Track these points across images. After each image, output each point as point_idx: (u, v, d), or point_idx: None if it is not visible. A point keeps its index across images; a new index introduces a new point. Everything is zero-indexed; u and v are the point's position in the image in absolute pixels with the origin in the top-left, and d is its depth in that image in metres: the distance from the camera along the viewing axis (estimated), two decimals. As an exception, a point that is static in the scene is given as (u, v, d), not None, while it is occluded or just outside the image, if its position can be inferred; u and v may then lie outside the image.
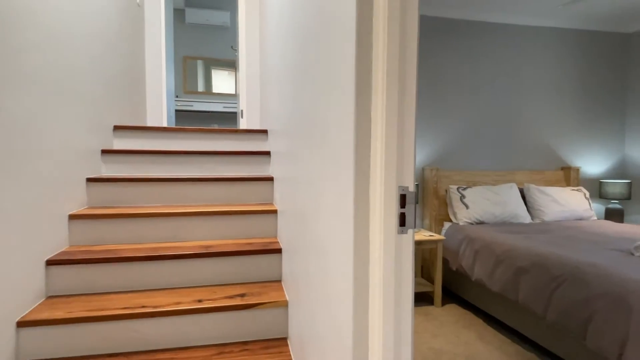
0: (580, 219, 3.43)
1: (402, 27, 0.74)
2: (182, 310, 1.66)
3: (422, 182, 3.55)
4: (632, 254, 2.21)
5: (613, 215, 3.62)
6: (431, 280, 3.33)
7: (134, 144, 2.75)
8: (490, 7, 3.42)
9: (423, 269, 3.53)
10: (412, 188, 0.77)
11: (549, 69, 3.78)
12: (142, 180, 2.29)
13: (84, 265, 1.80)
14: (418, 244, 3.02)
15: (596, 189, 3.94)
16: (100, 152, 2.44)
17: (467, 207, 3.27)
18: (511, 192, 3.40)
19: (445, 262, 3.21)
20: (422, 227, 3.57)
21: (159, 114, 3.76)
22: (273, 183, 2.46)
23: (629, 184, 3.65)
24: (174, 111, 4.50)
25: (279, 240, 2.14)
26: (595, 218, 3.54)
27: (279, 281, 2.01)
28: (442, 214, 3.50)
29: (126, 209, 2.18)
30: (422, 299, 3.24)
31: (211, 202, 2.40)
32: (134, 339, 1.64)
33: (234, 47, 6.11)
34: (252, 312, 1.74)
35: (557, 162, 3.85)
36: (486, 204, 3.29)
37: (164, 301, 1.73)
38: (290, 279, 1.71)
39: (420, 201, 3.55)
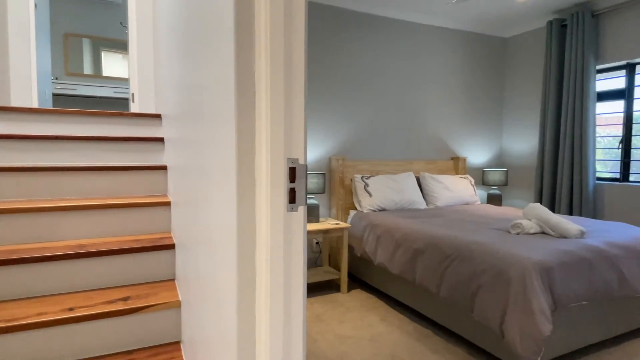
0: (467, 204, 3.78)
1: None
2: (46, 322, 1.39)
3: (328, 172, 3.58)
4: (509, 232, 2.47)
5: (493, 199, 4.07)
6: (338, 268, 3.37)
7: (-14, 128, 2.26)
8: (389, 2, 3.55)
9: (330, 257, 3.56)
10: (302, 160, 0.69)
11: (440, 66, 4.08)
12: (1, 170, 1.89)
13: None
14: (325, 232, 3.02)
15: (480, 176, 4.39)
16: None
17: (370, 195, 3.37)
18: (409, 180, 3.60)
19: (350, 249, 3.28)
20: (329, 216, 3.60)
21: (28, 96, 3.17)
22: (167, 172, 2.22)
23: (506, 172, 4.13)
24: (50, 94, 3.86)
25: (172, 235, 1.93)
26: (479, 202, 3.93)
27: (173, 280, 1.81)
28: (348, 203, 3.57)
29: (-28, 205, 1.77)
30: (329, 286, 3.27)
31: (91, 195, 2.08)
32: (-21, 364, 1.32)
33: (123, 24, 5.48)
34: (138, 316, 1.53)
35: (448, 153, 4.19)
36: (387, 191, 3.43)
37: (24, 312, 1.43)
38: (183, 276, 1.54)
39: (327, 190, 3.57)
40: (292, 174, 0.68)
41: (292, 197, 0.68)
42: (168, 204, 2.01)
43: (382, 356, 2.13)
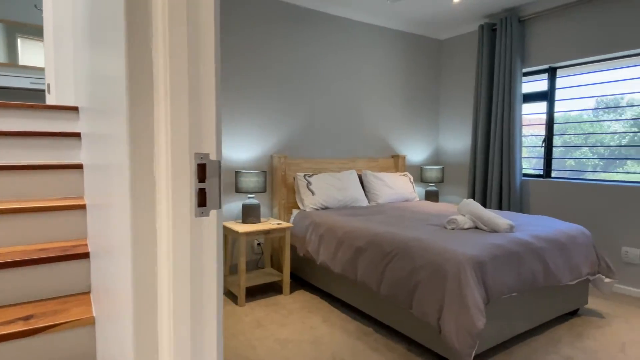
0: (407, 200, 3.86)
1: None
2: None
3: (270, 170, 3.46)
4: (446, 228, 2.53)
5: (431, 196, 4.20)
6: (281, 269, 3.28)
7: None
8: (331, -1, 3.52)
9: (272, 258, 3.46)
10: (214, 156, 0.59)
11: (380, 65, 4.13)
12: None
13: None
14: (266, 233, 2.92)
15: (418, 174, 4.51)
16: None
17: (313, 193, 3.31)
18: (351, 178, 3.60)
19: (293, 249, 3.20)
20: (271, 216, 3.49)
21: None
22: (84, 172, 1.99)
23: (442, 170, 4.28)
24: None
25: (88, 243, 1.72)
26: (418, 199, 4.04)
27: (88, 293, 1.61)
28: (291, 202, 3.48)
29: None
30: (271, 289, 3.16)
31: (-12, 199, 1.80)
32: None
33: (38, 7, 4.94)
34: (43, 337, 1.33)
35: (388, 151, 4.26)
36: (330, 189, 3.39)
37: None
38: (96, 289, 1.36)
39: (269, 189, 3.46)
40: (202, 171, 0.58)
41: (201, 200, 0.58)
42: (84, 207, 1.79)
43: (323, 359, 2.08)
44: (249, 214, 2.99)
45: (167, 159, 0.55)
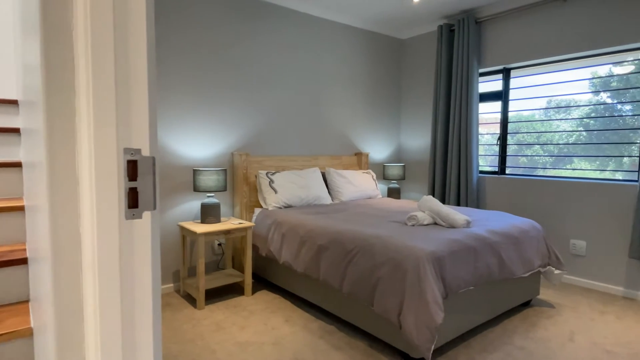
0: (370, 198, 3.89)
1: None
2: None
3: (231, 168, 3.37)
4: (406, 224, 2.57)
5: (393, 193, 4.26)
6: (242, 270, 3.21)
7: None
8: (292, -6, 3.47)
9: (234, 259, 3.37)
10: (147, 151, 0.54)
11: (343, 63, 4.13)
12: None
13: None
14: (227, 233, 2.84)
15: (381, 171, 4.57)
16: None
17: (275, 191, 3.26)
18: (315, 176, 3.57)
19: (255, 248, 3.14)
20: (232, 215, 3.40)
21: None
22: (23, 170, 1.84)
23: (404, 167, 4.36)
24: None
25: (27, 247, 1.59)
26: (381, 196, 4.08)
27: (27, 302, 1.48)
28: (253, 200, 3.41)
29: None
30: (232, 290, 3.09)
31: None
32: None
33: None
34: (-29, 353, 1.21)
35: (351, 149, 4.27)
36: (293, 187, 3.35)
37: None
38: (34, 297, 1.25)
39: (229, 188, 3.37)
40: (133, 169, 0.53)
41: (133, 200, 0.53)
42: (23, 208, 1.65)
43: (285, 360, 2.04)
44: (208, 213, 2.90)
45: (90, 155, 0.50)
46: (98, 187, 0.50)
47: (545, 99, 3.53)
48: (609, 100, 3.16)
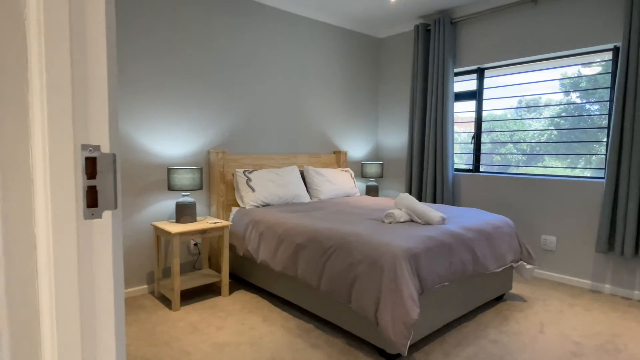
0: (348, 195, 3.91)
1: None
2: None
3: (207, 166, 3.32)
4: (383, 222, 2.59)
5: (371, 191, 4.29)
6: (219, 270, 3.16)
7: None
8: (269, -9, 3.43)
9: (211, 259, 3.32)
10: (107, 148, 0.51)
11: (322, 61, 4.12)
12: None
13: None
14: (203, 232, 2.78)
15: (359, 169, 4.59)
16: None
17: (253, 190, 3.22)
18: (293, 174, 3.56)
19: (232, 248, 3.09)
20: (209, 215, 3.35)
21: None
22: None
23: (382, 165, 4.39)
24: None
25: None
26: (359, 194, 4.10)
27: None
28: (230, 199, 3.37)
29: None
30: (209, 291, 3.04)
31: None
32: None
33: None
34: None
35: (330, 147, 4.28)
36: (271, 186, 3.32)
37: None
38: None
39: (206, 187, 3.31)
40: (92, 166, 0.50)
41: (92, 199, 0.51)
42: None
43: (262, 360, 2.03)
44: (183, 212, 2.84)
45: (45, 152, 0.47)
46: (53, 185, 0.47)
47: (518, 99, 3.62)
48: (578, 100, 3.27)
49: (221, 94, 3.37)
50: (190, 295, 2.93)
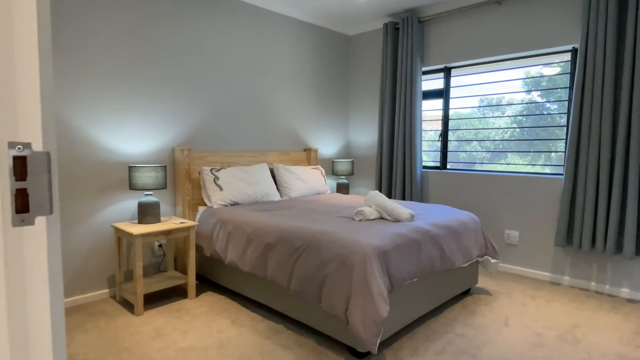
0: (319, 193, 3.88)
1: None
2: None
3: (172, 165, 3.19)
4: (353, 219, 2.58)
5: (342, 188, 4.29)
6: (185, 272, 3.06)
7: None
8: (236, -16, 3.34)
9: (176, 260, 3.21)
10: (39, 146, 0.45)
11: (291, 57, 4.06)
12: None
13: None
14: (167, 233, 2.68)
15: (330, 166, 4.58)
16: None
17: (221, 188, 3.13)
18: (262, 172, 3.49)
19: (199, 249, 3.00)
20: (174, 215, 3.23)
21: None
22: None
23: (352, 162, 4.40)
24: None
25: None
26: (330, 192, 4.09)
27: None
28: (197, 198, 3.26)
29: None
30: (174, 293, 2.93)
31: None
32: None
33: None
34: None
35: (301, 144, 4.23)
36: (240, 184, 3.25)
37: None
38: None
39: (170, 185, 3.19)
40: (22, 167, 0.44)
41: (21, 203, 0.44)
42: None
43: (231, 364, 1.97)
44: (146, 213, 2.72)
45: (-39, 150, 0.41)
46: (-29, 188, 0.41)
47: (482, 98, 3.71)
48: (539, 99, 3.39)
49: (187, 89, 3.25)
50: (154, 299, 2.81)
